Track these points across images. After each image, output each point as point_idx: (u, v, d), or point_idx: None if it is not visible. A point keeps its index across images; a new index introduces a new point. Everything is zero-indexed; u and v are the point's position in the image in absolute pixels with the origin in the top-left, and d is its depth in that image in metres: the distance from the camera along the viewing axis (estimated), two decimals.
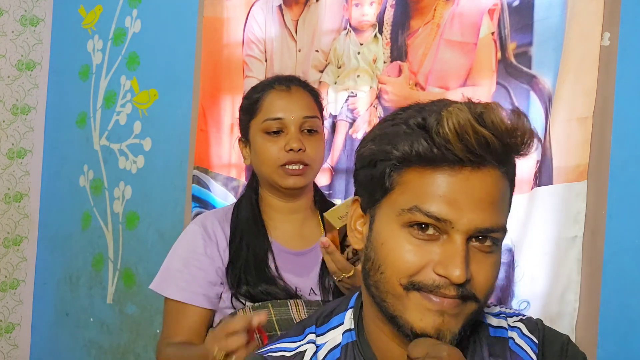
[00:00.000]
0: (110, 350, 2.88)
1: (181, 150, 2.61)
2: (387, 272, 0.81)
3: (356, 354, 0.87)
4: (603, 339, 1.55)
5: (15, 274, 3.21)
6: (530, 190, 1.66)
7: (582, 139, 1.58)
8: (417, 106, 0.84)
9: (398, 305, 0.81)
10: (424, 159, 0.79)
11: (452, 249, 0.79)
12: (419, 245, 0.80)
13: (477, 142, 0.77)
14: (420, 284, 0.80)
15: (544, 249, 1.63)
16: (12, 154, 3.18)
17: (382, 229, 0.83)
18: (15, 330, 3.22)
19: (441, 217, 0.78)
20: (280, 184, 1.48)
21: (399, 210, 0.81)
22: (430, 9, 1.88)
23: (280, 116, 1.48)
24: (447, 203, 0.78)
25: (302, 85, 1.54)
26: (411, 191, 0.80)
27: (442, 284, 0.79)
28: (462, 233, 0.79)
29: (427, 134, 0.78)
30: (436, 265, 0.79)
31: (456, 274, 0.78)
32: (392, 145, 0.81)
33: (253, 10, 2.35)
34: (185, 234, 1.55)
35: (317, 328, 0.91)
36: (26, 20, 3.19)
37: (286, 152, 1.46)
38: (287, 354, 0.88)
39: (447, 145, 0.77)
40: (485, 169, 0.79)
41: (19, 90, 3.18)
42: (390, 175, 0.82)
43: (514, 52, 1.71)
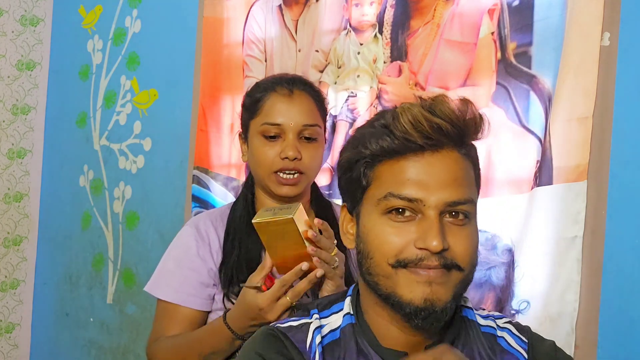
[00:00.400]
0: (110, 350, 2.88)
1: (181, 150, 2.61)
2: (376, 256, 0.92)
3: (357, 334, 0.97)
4: (603, 339, 1.55)
5: (15, 274, 3.21)
6: (530, 190, 1.66)
7: (582, 139, 1.58)
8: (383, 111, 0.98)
9: (389, 283, 0.92)
10: (390, 152, 0.91)
11: (427, 224, 0.90)
12: (399, 227, 0.91)
13: (431, 128, 0.89)
14: (405, 261, 0.90)
15: (544, 249, 1.63)
16: (12, 154, 3.18)
17: (367, 221, 0.94)
18: (15, 330, 3.22)
19: (412, 197, 0.90)
20: (273, 191, 1.47)
21: (376, 200, 0.93)
22: (430, 9, 1.88)
23: (279, 122, 1.45)
24: (416, 185, 0.90)
25: (306, 88, 1.51)
26: (384, 182, 0.92)
27: (424, 256, 0.90)
28: (433, 209, 0.90)
29: (388, 130, 0.91)
30: (416, 240, 0.90)
31: (434, 244, 0.89)
32: (362, 146, 0.94)
33: (253, 10, 2.35)
34: (179, 236, 1.55)
35: (320, 312, 1.01)
36: (26, 20, 3.19)
37: (281, 159, 1.44)
38: (294, 324, 0.99)
39: (406, 136, 0.90)
40: (444, 151, 0.92)
41: (19, 90, 3.18)
42: (365, 173, 0.94)
43: (514, 52, 1.71)
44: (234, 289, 1.43)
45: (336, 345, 0.97)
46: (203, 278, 1.48)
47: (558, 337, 1.59)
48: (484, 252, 1.74)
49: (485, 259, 1.73)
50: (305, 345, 0.96)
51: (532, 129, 1.67)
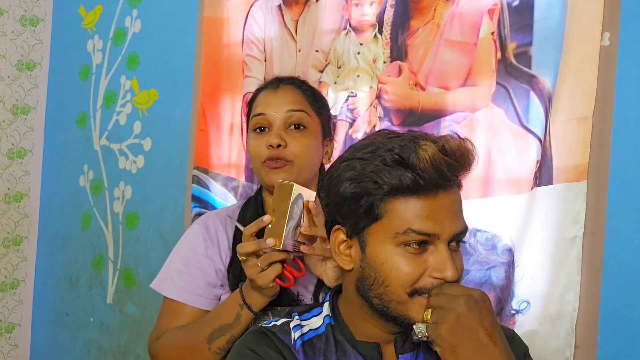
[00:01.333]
0: (110, 350, 2.88)
1: (181, 150, 2.61)
2: (393, 285, 1.01)
3: (335, 331, 1.10)
4: (603, 339, 1.55)
5: (15, 274, 3.21)
6: (530, 190, 1.66)
7: (582, 139, 1.58)
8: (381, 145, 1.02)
9: (402, 308, 1.01)
10: (409, 189, 0.99)
11: (441, 256, 1.00)
12: (413, 258, 1.00)
13: (449, 170, 0.99)
14: (422, 289, 1.00)
15: (544, 249, 1.63)
16: (12, 154, 3.18)
17: (379, 251, 1.02)
18: (15, 330, 3.22)
19: (430, 232, 0.99)
20: (265, 181, 1.48)
21: (393, 234, 1.00)
22: (430, 9, 1.88)
23: (264, 111, 1.48)
24: (433, 221, 0.99)
25: (294, 82, 1.53)
26: (400, 217, 1.00)
27: (438, 284, 1.00)
28: (444, 241, 1.01)
29: (409, 169, 0.98)
30: (432, 271, 1.00)
31: (450, 274, 0.99)
32: (373, 182, 1.00)
33: (252, 10, 2.35)
34: (188, 234, 1.55)
35: (300, 316, 1.13)
36: (26, 20, 3.19)
37: (267, 148, 1.45)
38: (277, 323, 1.12)
39: (427, 176, 0.98)
40: (452, 188, 1.02)
41: (19, 90, 3.18)
42: (378, 206, 1.01)
43: (514, 52, 1.71)
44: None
45: (316, 340, 1.09)
46: (210, 278, 1.49)
47: (558, 337, 1.59)
48: (484, 252, 1.74)
49: (485, 259, 1.73)
50: (290, 339, 1.09)
51: (532, 129, 1.67)
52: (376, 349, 1.08)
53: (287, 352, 1.07)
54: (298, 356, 1.08)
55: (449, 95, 1.83)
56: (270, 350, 1.07)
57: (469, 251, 1.75)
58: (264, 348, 1.07)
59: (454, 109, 1.81)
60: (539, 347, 1.63)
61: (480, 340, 0.95)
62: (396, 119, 1.94)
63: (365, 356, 1.08)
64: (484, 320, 0.96)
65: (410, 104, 1.91)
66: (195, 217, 2.49)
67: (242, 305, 1.37)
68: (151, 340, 1.53)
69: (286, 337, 1.09)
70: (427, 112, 1.87)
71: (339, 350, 1.08)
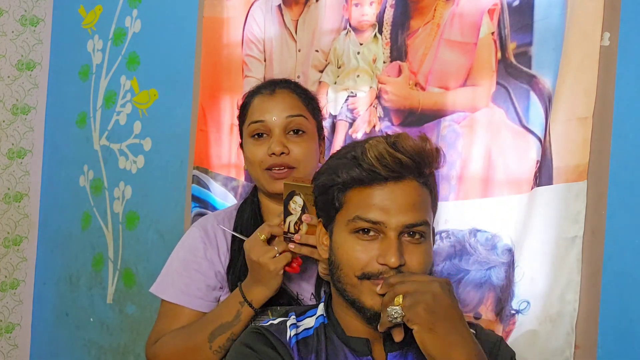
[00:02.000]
0: (110, 350, 2.88)
1: (181, 150, 2.61)
2: (345, 268, 1.11)
3: (327, 329, 1.16)
4: (603, 339, 1.55)
5: (15, 274, 3.21)
6: (530, 190, 1.66)
7: (582, 139, 1.58)
8: (353, 143, 1.16)
9: (355, 292, 1.10)
10: (359, 181, 1.09)
11: (387, 243, 1.08)
12: (364, 245, 1.09)
13: (394, 162, 1.07)
14: (369, 274, 1.08)
15: (544, 249, 1.63)
16: (12, 154, 3.18)
17: (337, 237, 1.13)
18: (15, 330, 3.22)
19: (376, 220, 1.08)
20: (267, 189, 1.48)
21: (346, 221, 1.10)
22: (430, 9, 1.87)
23: (262, 118, 1.47)
24: (380, 209, 1.08)
25: (289, 86, 1.53)
26: (354, 206, 1.10)
27: (384, 270, 1.07)
28: (393, 230, 1.08)
29: (357, 163, 1.09)
30: (378, 257, 1.08)
31: (392, 260, 1.06)
32: (336, 175, 1.11)
33: (252, 10, 2.35)
34: (186, 237, 1.55)
35: (297, 317, 1.20)
36: (26, 20, 3.19)
37: (269, 156, 1.45)
38: (274, 322, 1.19)
39: (372, 168, 1.07)
40: (405, 181, 1.09)
41: (19, 90, 3.18)
42: (337, 197, 1.12)
43: (514, 52, 1.71)
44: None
45: (310, 338, 1.16)
46: (210, 280, 1.49)
47: (558, 337, 1.59)
48: (484, 252, 1.74)
49: (485, 259, 1.73)
50: (286, 337, 1.15)
51: (532, 129, 1.67)
52: (366, 345, 1.14)
53: (283, 350, 1.13)
54: (293, 354, 1.13)
55: (449, 95, 1.83)
56: (267, 348, 1.12)
57: (469, 251, 1.75)
58: (261, 346, 1.13)
59: (454, 109, 1.81)
60: (539, 347, 1.63)
61: (454, 319, 1.02)
62: (396, 119, 1.94)
63: (355, 351, 1.14)
64: (454, 302, 1.04)
65: (410, 104, 1.91)
66: (196, 217, 2.49)
67: (243, 302, 1.38)
68: (148, 344, 1.53)
69: (282, 336, 1.15)
70: (427, 112, 1.87)
71: (330, 346, 1.15)
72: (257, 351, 1.12)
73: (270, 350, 1.12)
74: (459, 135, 1.79)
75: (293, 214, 1.34)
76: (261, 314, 1.43)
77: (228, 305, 1.41)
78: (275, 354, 1.12)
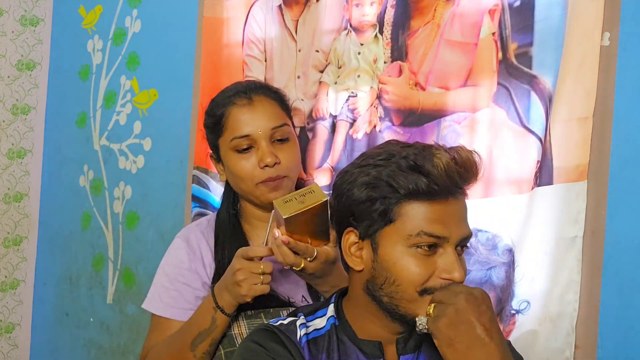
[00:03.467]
0: (110, 350, 2.88)
1: (181, 150, 2.61)
2: (404, 284, 1.07)
3: (338, 331, 1.15)
4: (603, 339, 1.55)
5: (15, 274, 3.21)
6: (531, 190, 1.66)
7: (582, 139, 1.58)
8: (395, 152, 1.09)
9: (412, 307, 1.07)
10: (424, 194, 1.06)
11: (449, 258, 1.07)
12: (424, 260, 1.07)
13: (460, 177, 1.07)
14: (431, 289, 1.07)
15: (544, 249, 1.63)
16: (12, 154, 3.18)
17: (391, 252, 1.08)
18: (15, 330, 3.22)
19: (441, 235, 1.07)
20: (262, 200, 1.46)
21: (406, 235, 1.07)
22: (430, 9, 1.88)
23: (248, 132, 1.44)
24: (443, 225, 1.07)
25: (264, 92, 1.49)
26: (413, 220, 1.07)
27: (446, 285, 1.06)
28: (452, 244, 1.08)
29: (423, 175, 1.05)
30: (441, 272, 1.07)
31: (457, 275, 1.07)
32: (392, 186, 1.06)
33: (253, 10, 2.35)
34: (170, 249, 1.53)
35: (306, 317, 1.18)
36: (26, 20, 3.19)
37: (261, 168, 1.42)
38: (284, 322, 1.17)
39: (441, 182, 1.05)
40: (460, 196, 1.11)
41: (19, 90, 3.18)
42: (392, 209, 1.07)
43: (515, 52, 1.71)
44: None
45: (320, 338, 1.15)
46: (198, 292, 1.48)
47: (558, 337, 1.59)
48: (484, 252, 1.74)
49: (485, 259, 1.73)
50: (296, 337, 1.14)
51: (533, 129, 1.67)
52: (378, 347, 1.13)
53: (294, 348, 1.12)
54: (304, 353, 1.13)
55: (449, 96, 1.83)
56: (278, 346, 1.12)
57: (469, 251, 1.75)
58: (271, 344, 1.12)
59: (454, 109, 1.81)
60: (539, 347, 1.63)
61: (477, 334, 0.99)
62: (396, 119, 1.94)
63: (367, 354, 1.13)
64: (482, 315, 1.01)
65: (411, 104, 1.91)
66: (196, 217, 2.49)
67: (216, 308, 1.37)
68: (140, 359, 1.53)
69: (292, 335, 1.14)
70: (427, 112, 1.87)
71: (341, 348, 1.13)
72: (267, 348, 1.11)
73: (280, 348, 1.12)
74: (459, 136, 1.79)
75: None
76: (254, 317, 1.42)
77: (203, 312, 1.40)
78: (286, 353, 1.11)
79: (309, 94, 2.16)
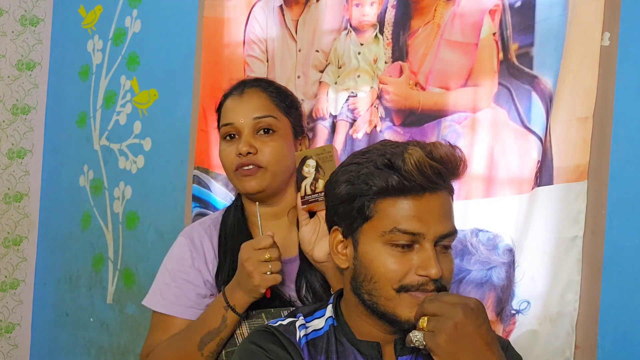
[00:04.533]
0: (110, 350, 2.88)
1: (181, 150, 2.61)
2: (381, 281, 1.07)
3: (337, 331, 1.14)
4: (603, 339, 1.55)
5: (15, 274, 3.21)
6: (531, 190, 1.66)
7: (582, 139, 1.58)
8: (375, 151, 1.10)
9: (390, 304, 1.07)
10: (396, 190, 1.05)
11: (426, 254, 1.06)
12: (400, 256, 1.06)
13: (433, 173, 1.05)
14: (408, 286, 1.06)
15: (544, 249, 1.63)
16: (12, 154, 3.18)
17: (369, 248, 1.08)
18: (15, 330, 3.22)
19: (415, 231, 1.05)
20: (239, 189, 1.49)
21: (381, 232, 1.07)
22: (430, 9, 1.88)
23: (231, 121, 1.48)
24: (418, 221, 1.05)
25: (260, 84, 1.53)
26: (388, 216, 1.06)
27: (424, 281, 1.05)
28: (430, 241, 1.06)
29: (394, 171, 1.05)
30: (417, 268, 1.05)
31: (434, 272, 1.05)
32: (365, 183, 1.07)
33: (254, 10, 2.35)
34: (174, 247, 1.53)
35: (305, 317, 1.18)
36: (26, 20, 3.19)
37: (236, 155, 1.45)
38: (283, 323, 1.16)
39: (413, 179, 1.04)
40: (439, 191, 1.08)
41: (19, 90, 3.18)
42: (367, 206, 1.08)
43: (516, 52, 1.72)
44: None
45: (319, 339, 1.14)
46: (200, 289, 1.48)
47: (558, 337, 1.60)
48: (485, 252, 1.74)
49: (486, 259, 1.73)
50: (295, 338, 1.13)
51: (534, 129, 1.67)
52: (376, 348, 1.12)
53: (293, 349, 1.11)
54: (303, 354, 1.12)
55: (450, 96, 1.83)
56: (277, 347, 1.11)
57: (470, 251, 1.75)
58: (270, 345, 1.11)
59: (454, 109, 1.82)
60: (539, 347, 1.63)
61: (479, 348, 0.98)
62: (397, 119, 1.94)
63: (366, 355, 1.12)
64: (480, 328, 0.99)
65: (411, 104, 1.91)
66: (196, 217, 2.49)
67: (227, 307, 1.37)
68: (142, 357, 1.52)
69: (292, 336, 1.13)
70: (427, 112, 1.87)
71: (340, 349, 1.13)
72: (266, 350, 1.11)
73: (279, 349, 1.11)
74: (460, 136, 1.79)
75: (307, 176, 1.38)
76: (255, 317, 1.43)
77: (214, 311, 1.40)
78: (285, 354, 1.11)
79: (309, 94, 2.16)
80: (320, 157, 1.36)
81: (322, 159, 1.36)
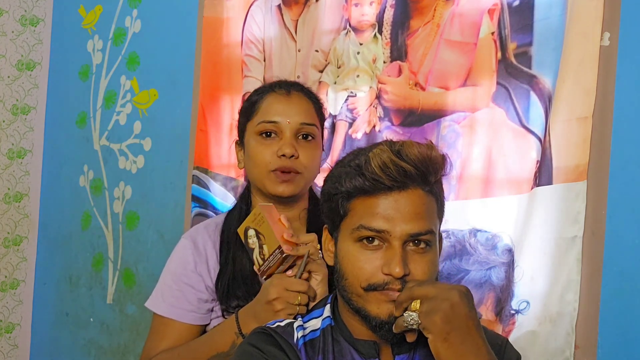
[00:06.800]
0: (110, 350, 2.88)
1: (181, 150, 2.61)
2: (350, 278, 1.09)
3: (334, 331, 1.15)
4: (603, 339, 1.55)
5: (15, 274, 3.21)
6: (530, 190, 1.66)
7: (582, 139, 1.58)
8: (356, 151, 1.14)
9: (361, 302, 1.08)
10: (362, 190, 1.07)
11: (391, 253, 1.06)
12: (369, 255, 1.08)
13: (398, 172, 1.05)
14: (374, 285, 1.07)
15: (544, 249, 1.63)
16: (12, 154, 3.18)
17: (342, 245, 1.11)
18: (15, 330, 3.22)
19: (380, 229, 1.06)
20: (269, 190, 1.44)
21: (351, 230, 1.09)
22: (430, 9, 1.88)
23: (277, 119, 1.43)
24: (384, 218, 1.06)
25: (304, 91, 1.50)
26: (357, 215, 1.08)
27: (389, 280, 1.06)
28: (397, 239, 1.06)
29: (360, 172, 1.07)
30: (382, 266, 1.06)
31: (396, 270, 1.05)
32: (339, 183, 1.10)
33: (252, 10, 2.35)
34: (177, 250, 1.52)
35: (303, 317, 1.19)
36: (26, 20, 3.19)
37: (278, 157, 1.41)
38: (281, 324, 1.17)
39: (376, 177, 1.05)
40: (410, 190, 1.07)
41: (19, 90, 3.18)
42: (342, 205, 1.11)
43: (514, 52, 1.71)
44: (231, 303, 1.42)
45: (316, 340, 1.15)
46: (201, 294, 1.47)
47: (558, 337, 1.59)
48: (484, 252, 1.74)
49: (485, 259, 1.73)
50: (293, 339, 1.14)
51: (533, 129, 1.67)
52: (374, 347, 1.12)
53: (291, 351, 1.12)
54: (300, 355, 1.12)
55: (449, 95, 1.83)
56: (275, 349, 1.12)
57: (469, 251, 1.75)
58: (268, 347, 1.12)
59: (454, 109, 1.81)
60: (539, 347, 1.63)
61: (469, 329, 1.01)
62: (396, 119, 1.94)
63: (363, 354, 1.13)
64: (471, 311, 1.03)
65: (410, 104, 1.91)
66: (196, 217, 2.49)
67: (238, 334, 1.35)
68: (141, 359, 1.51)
69: (289, 337, 1.14)
70: (427, 112, 1.87)
71: (337, 348, 1.14)
72: (264, 351, 1.11)
73: (277, 351, 1.11)
74: (459, 135, 1.79)
75: (254, 247, 1.34)
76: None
77: (223, 334, 1.38)
78: (283, 355, 1.11)
79: None
80: (255, 223, 1.33)
81: (257, 223, 1.32)
